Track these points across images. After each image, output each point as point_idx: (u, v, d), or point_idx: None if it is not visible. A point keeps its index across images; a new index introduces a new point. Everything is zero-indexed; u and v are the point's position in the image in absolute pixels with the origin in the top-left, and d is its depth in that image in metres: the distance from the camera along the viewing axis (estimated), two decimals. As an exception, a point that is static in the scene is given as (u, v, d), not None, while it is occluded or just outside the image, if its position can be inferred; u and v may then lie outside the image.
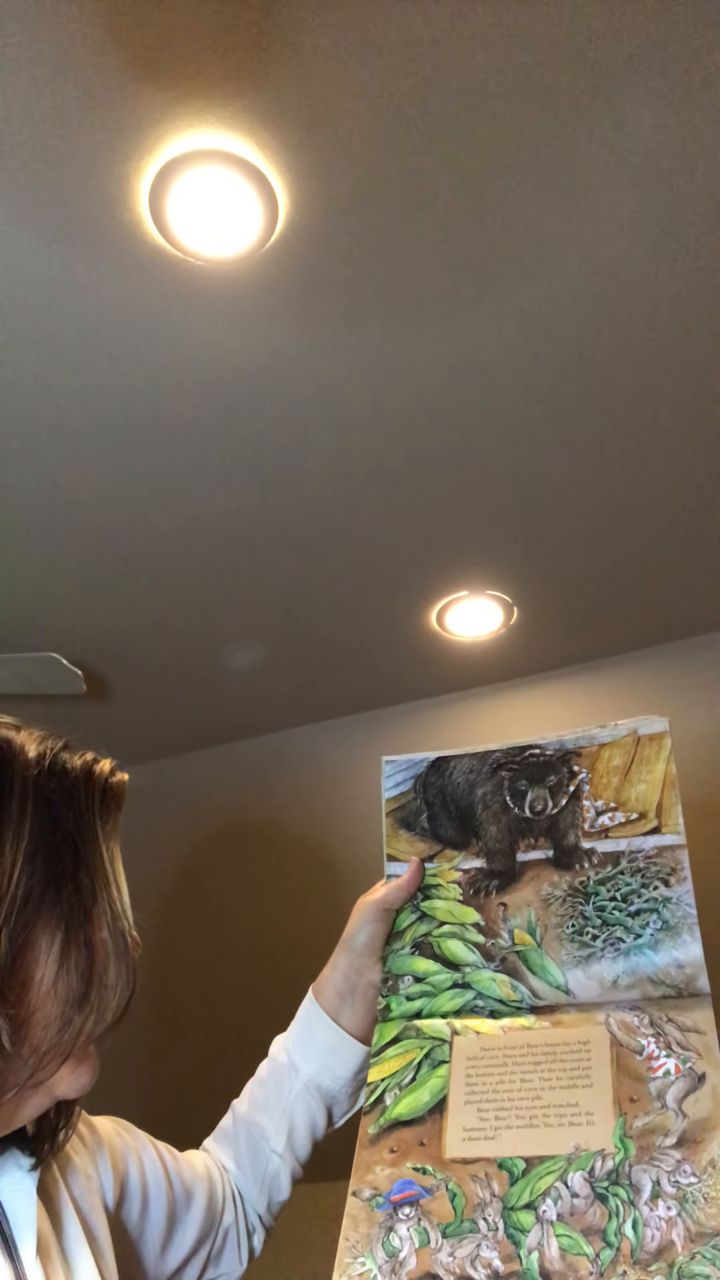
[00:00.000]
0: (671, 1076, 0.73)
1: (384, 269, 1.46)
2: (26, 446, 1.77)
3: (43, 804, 0.67)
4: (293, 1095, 0.91)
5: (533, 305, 1.53)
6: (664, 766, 0.85)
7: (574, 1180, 0.69)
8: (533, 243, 1.43)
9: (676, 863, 0.82)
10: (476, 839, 0.89)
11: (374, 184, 1.34)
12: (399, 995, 0.86)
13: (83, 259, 1.42)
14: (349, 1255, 0.70)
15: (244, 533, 2.01)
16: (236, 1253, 0.92)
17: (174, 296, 1.49)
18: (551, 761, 0.88)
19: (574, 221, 1.40)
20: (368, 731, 2.67)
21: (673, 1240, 0.64)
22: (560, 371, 1.66)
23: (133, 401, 1.68)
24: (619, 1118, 0.72)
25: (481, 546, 2.09)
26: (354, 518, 1.99)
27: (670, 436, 1.81)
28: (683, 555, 2.13)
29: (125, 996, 0.68)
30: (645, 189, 1.36)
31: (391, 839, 0.92)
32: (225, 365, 1.62)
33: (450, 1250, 0.68)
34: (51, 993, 0.65)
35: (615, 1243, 0.65)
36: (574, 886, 0.84)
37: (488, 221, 1.40)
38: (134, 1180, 0.84)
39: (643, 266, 1.47)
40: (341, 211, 1.37)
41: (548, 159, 1.31)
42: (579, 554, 2.12)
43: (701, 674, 2.39)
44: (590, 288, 1.51)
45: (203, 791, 2.82)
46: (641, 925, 0.81)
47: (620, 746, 0.87)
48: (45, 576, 2.11)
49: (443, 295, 1.51)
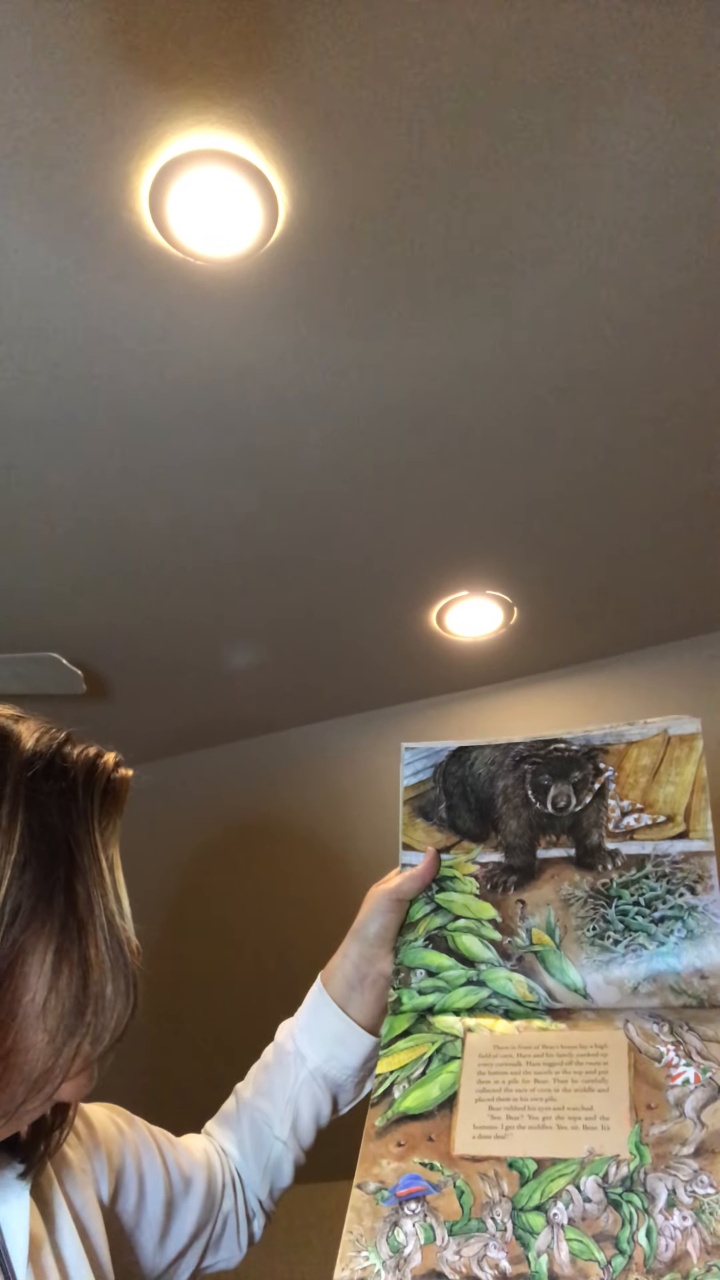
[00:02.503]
0: (691, 1085, 0.71)
1: (384, 269, 1.46)
2: (26, 446, 1.76)
3: (36, 808, 0.63)
4: (298, 1083, 0.89)
5: (533, 305, 1.53)
6: (694, 769, 0.82)
7: (587, 1185, 0.67)
8: (533, 243, 1.42)
9: (704, 870, 0.79)
10: (495, 832, 0.86)
11: (374, 184, 1.33)
12: (411, 989, 0.84)
13: (83, 259, 1.42)
14: (352, 1249, 0.68)
15: (243, 532, 2.01)
16: (236, 1238, 0.91)
17: (174, 296, 1.48)
18: (577, 757, 0.85)
19: (575, 221, 1.40)
20: (368, 732, 2.67)
21: (688, 1251, 0.63)
22: (560, 371, 1.65)
23: (132, 401, 1.68)
24: (635, 1124, 0.70)
25: (481, 546, 2.09)
26: (354, 517, 1.98)
27: (670, 436, 1.80)
28: (683, 555, 2.13)
29: (125, 1015, 0.63)
30: (646, 189, 1.36)
31: (408, 827, 0.89)
32: (225, 365, 1.61)
33: (456, 1248, 0.67)
34: (42, 1016, 0.60)
35: (628, 1250, 0.63)
36: (596, 888, 0.82)
37: (488, 221, 1.39)
38: (130, 1172, 0.82)
39: (643, 267, 1.47)
40: (341, 211, 1.37)
41: (548, 159, 1.31)
42: (579, 554, 2.11)
43: (702, 674, 2.39)
44: (590, 287, 1.50)
45: (202, 791, 2.81)
46: (665, 933, 0.78)
47: (649, 745, 0.83)
48: (45, 576, 2.10)
49: (443, 295, 1.50)
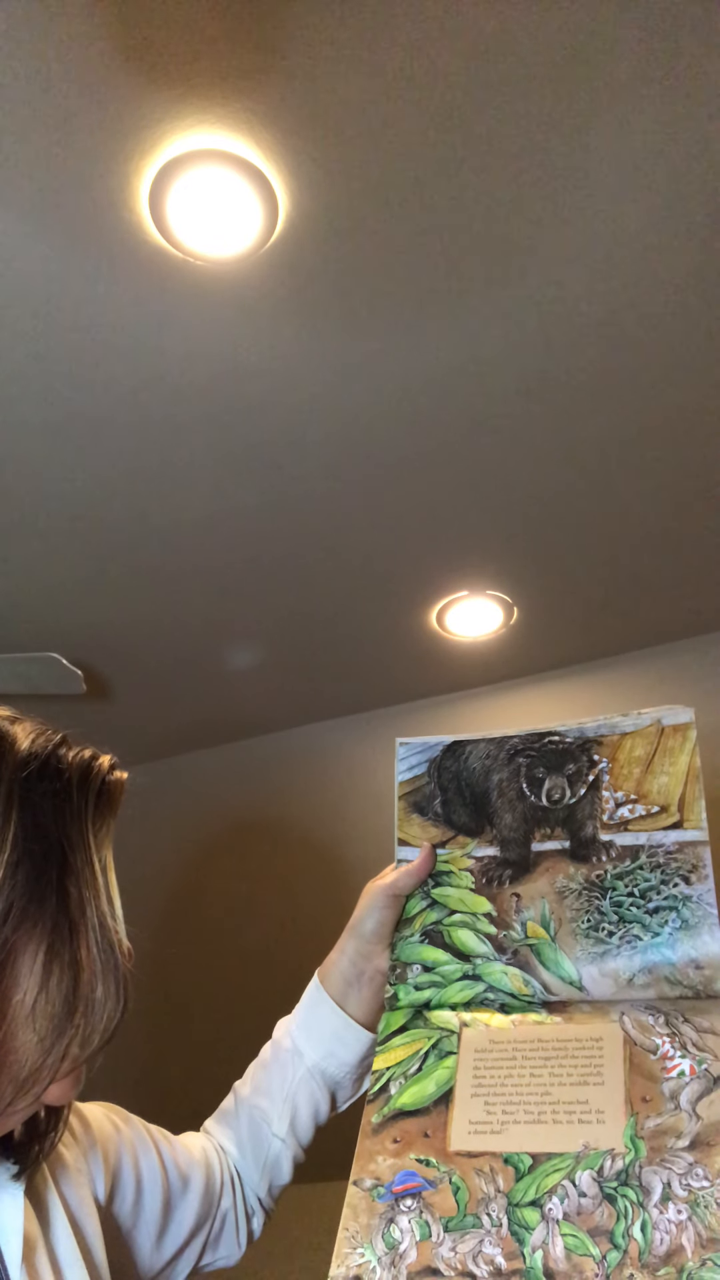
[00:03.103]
0: (686, 1078, 0.71)
1: (384, 269, 1.46)
2: (26, 446, 1.76)
3: (30, 808, 0.63)
4: (296, 1080, 0.89)
5: (533, 305, 1.53)
6: (688, 759, 0.81)
7: (582, 1179, 0.67)
8: (533, 243, 1.43)
9: (698, 859, 0.79)
10: (490, 826, 0.86)
11: (374, 184, 1.34)
12: (407, 984, 0.84)
13: (82, 259, 1.42)
14: (348, 1245, 0.68)
15: (244, 532, 2.01)
16: (235, 1236, 0.91)
17: (174, 296, 1.49)
18: (571, 749, 0.85)
19: (574, 221, 1.40)
20: (368, 731, 2.67)
21: (682, 1244, 0.62)
22: (560, 371, 1.65)
23: (133, 401, 1.68)
24: (630, 1117, 0.70)
25: (481, 546, 2.09)
26: (354, 517, 1.98)
27: (671, 436, 1.80)
28: (683, 555, 2.13)
29: (115, 1016, 0.63)
30: (647, 189, 1.36)
31: (403, 823, 0.89)
32: (225, 365, 1.62)
33: (452, 1245, 0.66)
34: (31, 1016, 0.60)
35: (623, 1245, 0.63)
36: (590, 880, 0.81)
37: (488, 221, 1.39)
38: (127, 1171, 0.82)
39: (643, 266, 1.47)
40: (341, 211, 1.37)
41: (548, 159, 1.31)
42: (579, 554, 2.12)
43: (702, 674, 2.39)
44: (590, 287, 1.50)
45: (202, 791, 2.81)
46: (660, 923, 0.78)
47: (643, 736, 0.83)
48: (45, 576, 2.10)
49: (442, 295, 1.51)
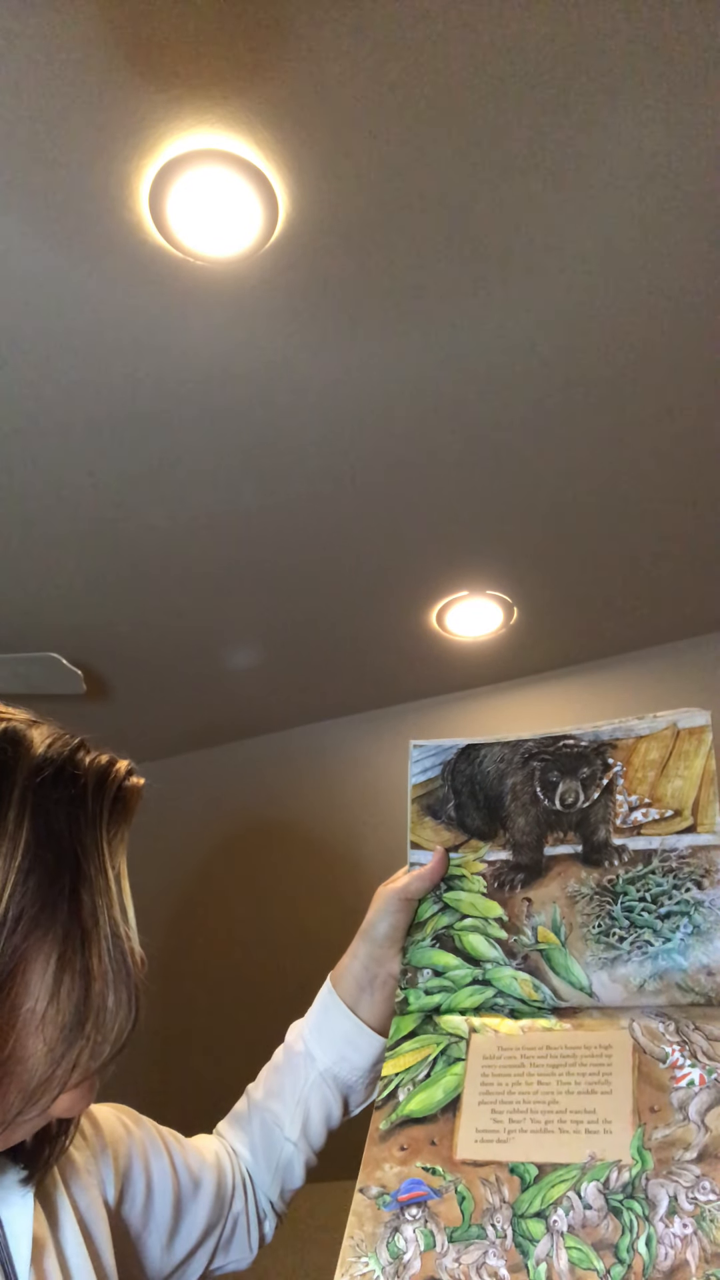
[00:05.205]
0: (696, 1088, 0.69)
1: (384, 269, 1.45)
2: (26, 446, 1.75)
3: (43, 814, 0.62)
4: (308, 1084, 0.89)
5: (533, 305, 1.52)
6: (703, 762, 0.80)
7: (587, 1191, 0.66)
8: (532, 243, 1.42)
9: (711, 864, 0.78)
10: (504, 830, 0.85)
11: (374, 184, 1.33)
12: (417, 989, 0.83)
13: (83, 259, 1.41)
14: (352, 1254, 0.67)
15: (244, 532, 2.01)
16: (247, 1240, 0.90)
17: (174, 296, 1.48)
18: (585, 753, 0.84)
19: (575, 221, 1.39)
20: (368, 732, 2.66)
21: (686, 1260, 0.61)
22: (560, 371, 1.65)
23: (133, 401, 1.67)
24: (638, 1128, 0.68)
25: (481, 546, 2.08)
26: (354, 517, 1.98)
27: (671, 436, 1.80)
28: (683, 555, 2.12)
29: (127, 1025, 0.62)
30: (648, 188, 1.35)
31: (416, 826, 0.88)
32: (225, 365, 1.61)
33: (456, 1255, 0.65)
34: (41, 1025, 0.59)
35: (627, 1259, 0.62)
36: (602, 884, 0.80)
37: (488, 221, 1.39)
38: (137, 1174, 0.81)
39: (643, 266, 1.47)
40: (341, 211, 1.36)
41: (548, 158, 1.31)
42: (579, 554, 2.11)
43: (703, 674, 2.39)
44: (591, 287, 1.50)
45: (203, 792, 2.81)
46: (671, 929, 0.77)
47: (658, 739, 0.82)
48: (45, 576, 2.10)
49: (442, 295, 1.50)
